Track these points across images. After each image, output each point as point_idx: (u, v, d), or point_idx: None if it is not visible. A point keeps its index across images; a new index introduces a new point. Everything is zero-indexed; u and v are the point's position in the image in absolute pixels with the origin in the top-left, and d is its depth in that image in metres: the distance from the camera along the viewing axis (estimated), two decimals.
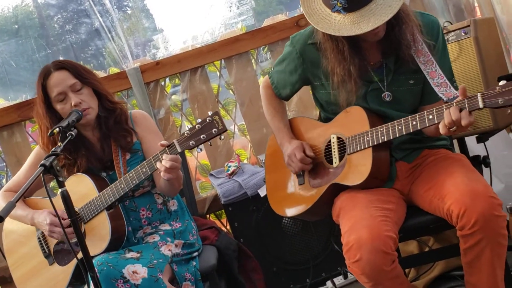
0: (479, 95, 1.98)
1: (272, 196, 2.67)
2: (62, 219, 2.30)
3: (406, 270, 3.09)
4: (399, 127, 2.21)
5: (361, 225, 2.14)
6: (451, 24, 2.91)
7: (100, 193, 2.54)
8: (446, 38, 2.80)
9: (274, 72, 2.65)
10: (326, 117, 2.57)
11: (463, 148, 2.92)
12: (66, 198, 2.10)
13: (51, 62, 2.64)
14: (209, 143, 2.30)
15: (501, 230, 2.09)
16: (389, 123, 2.25)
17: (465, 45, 2.78)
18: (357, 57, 2.30)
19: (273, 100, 2.68)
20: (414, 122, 2.17)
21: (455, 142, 2.89)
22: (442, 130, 2.08)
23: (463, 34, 2.78)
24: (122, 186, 2.49)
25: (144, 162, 2.45)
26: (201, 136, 2.27)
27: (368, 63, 2.37)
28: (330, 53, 2.33)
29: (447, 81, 2.25)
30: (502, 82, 1.93)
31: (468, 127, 2.02)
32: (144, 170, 2.45)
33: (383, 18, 2.11)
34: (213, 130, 2.26)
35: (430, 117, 2.13)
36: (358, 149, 2.33)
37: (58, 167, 2.11)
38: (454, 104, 2.04)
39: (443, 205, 2.16)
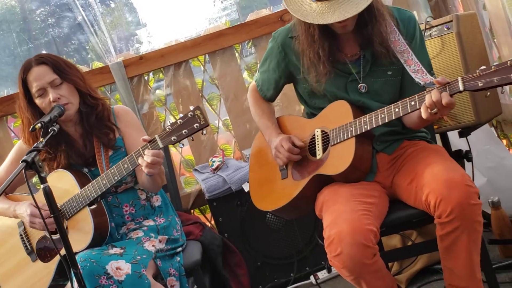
0: (459, 79, 2.03)
1: (255, 192, 2.67)
2: (43, 210, 2.28)
3: (389, 264, 3.11)
4: (382, 116, 2.24)
5: (342, 219, 2.15)
6: (434, 19, 2.92)
7: (82, 189, 2.52)
8: (428, 33, 2.84)
9: (258, 74, 2.69)
10: (310, 112, 2.58)
11: (446, 143, 2.93)
12: (48, 194, 2.08)
13: (34, 56, 2.61)
14: (191, 138, 2.29)
15: (477, 217, 2.13)
16: (372, 112, 2.28)
17: (447, 40, 2.79)
18: (328, 42, 2.35)
19: (261, 102, 2.70)
20: (397, 110, 2.20)
21: (437, 136, 2.91)
22: (424, 113, 2.10)
23: (445, 29, 2.79)
24: (104, 182, 2.47)
25: (126, 158, 2.44)
26: (183, 131, 2.26)
27: (346, 55, 2.42)
28: (301, 35, 2.39)
29: (423, 68, 2.29)
30: (482, 67, 1.99)
31: (449, 108, 2.06)
32: (125, 166, 2.43)
33: (346, 14, 2.17)
34: (195, 125, 2.24)
35: (412, 103, 2.16)
36: (341, 139, 2.35)
37: (40, 163, 2.09)
38: (436, 88, 2.08)
39: (421, 195, 2.19)
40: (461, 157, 2.66)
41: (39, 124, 2.37)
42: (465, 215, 2.10)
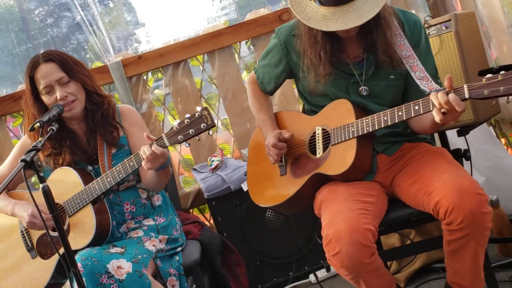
0: (465, 86, 2.00)
1: (253, 187, 2.66)
2: (43, 212, 2.29)
3: (388, 263, 3.12)
4: (385, 118, 2.23)
5: (340, 218, 2.15)
6: (432, 18, 2.93)
7: (86, 186, 2.53)
8: (427, 32, 2.83)
9: (259, 66, 2.67)
10: (311, 109, 2.58)
11: (444, 142, 2.94)
12: (47, 194, 2.08)
13: (41, 53, 2.62)
14: (197, 138, 2.31)
15: (487, 224, 2.12)
16: (375, 114, 2.26)
17: (446, 39, 2.80)
18: (330, 43, 2.33)
19: (259, 94, 2.69)
20: (400, 113, 2.18)
21: (436, 135, 2.91)
22: (436, 117, 2.05)
23: (444, 28, 2.80)
24: (109, 179, 2.48)
25: (132, 156, 2.45)
26: (190, 130, 2.28)
27: (348, 57, 2.40)
28: (304, 34, 2.38)
29: (428, 75, 2.27)
30: (488, 75, 1.95)
31: (461, 110, 2.00)
32: (131, 164, 2.44)
33: (350, 23, 2.15)
34: (201, 125, 2.27)
35: (416, 107, 2.14)
36: (343, 139, 2.34)
37: (39, 162, 2.09)
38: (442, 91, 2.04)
39: (429, 201, 2.17)
40: (460, 156, 2.65)
41: (38, 124, 2.38)
42: (476, 223, 2.08)
